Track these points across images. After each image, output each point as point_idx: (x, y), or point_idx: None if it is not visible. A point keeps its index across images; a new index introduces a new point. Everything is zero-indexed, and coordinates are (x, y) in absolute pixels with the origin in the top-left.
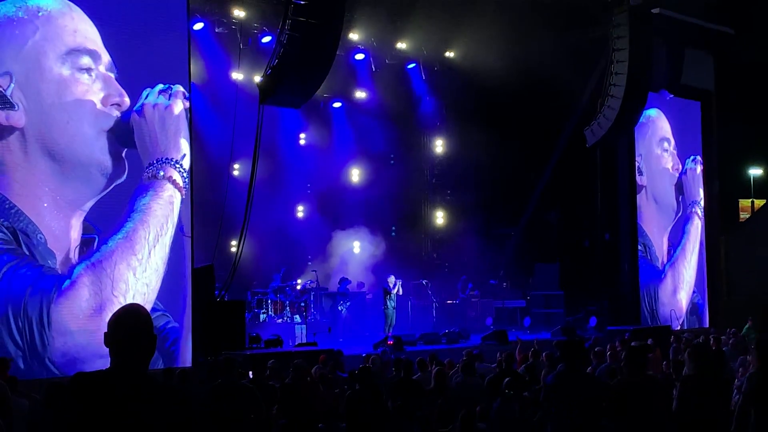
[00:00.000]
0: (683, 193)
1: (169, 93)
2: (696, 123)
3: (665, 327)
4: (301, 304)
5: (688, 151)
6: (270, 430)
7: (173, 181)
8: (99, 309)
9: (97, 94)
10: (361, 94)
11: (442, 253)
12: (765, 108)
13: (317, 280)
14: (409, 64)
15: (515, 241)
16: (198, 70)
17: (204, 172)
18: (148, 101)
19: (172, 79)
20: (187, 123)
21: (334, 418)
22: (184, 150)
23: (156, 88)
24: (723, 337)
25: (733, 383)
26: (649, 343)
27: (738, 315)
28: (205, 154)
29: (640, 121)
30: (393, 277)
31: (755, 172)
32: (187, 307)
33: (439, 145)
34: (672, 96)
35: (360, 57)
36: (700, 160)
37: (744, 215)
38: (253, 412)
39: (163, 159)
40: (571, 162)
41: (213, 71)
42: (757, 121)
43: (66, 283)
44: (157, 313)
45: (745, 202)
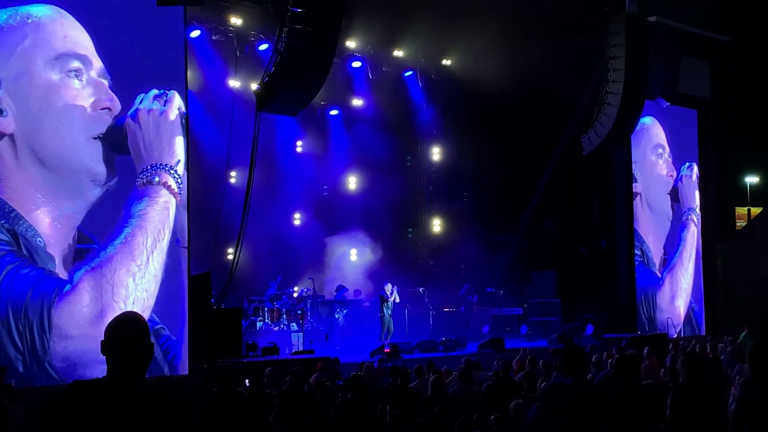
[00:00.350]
0: (678, 200)
1: (164, 98)
2: (692, 131)
3: (662, 335)
4: (298, 312)
5: (684, 158)
6: None
7: (168, 187)
8: (100, 315)
9: (87, 99)
10: (358, 102)
11: (438, 260)
12: (761, 116)
13: (314, 288)
14: (406, 72)
15: (512, 248)
16: (195, 77)
17: (200, 180)
18: (143, 106)
19: (169, 86)
20: (182, 128)
21: (329, 427)
22: (178, 156)
23: (150, 93)
24: (720, 344)
25: (729, 391)
26: (646, 351)
27: (734, 323)
28: (202, 161)
29: (635, 129)
30: (390, 285)
31: (752, 179)
32: (185, 314)
33: (436, 153)
34: (668, 104)
35: (357, 65)
36: (696, 167)
37: (741, 223)
38: (250, 420)
39: (157, 165)
40: (568, 170)
41: (210, 79)
42: (754, 129)
43: (67, 287)
44: (157, 326)
45: (741, 210)
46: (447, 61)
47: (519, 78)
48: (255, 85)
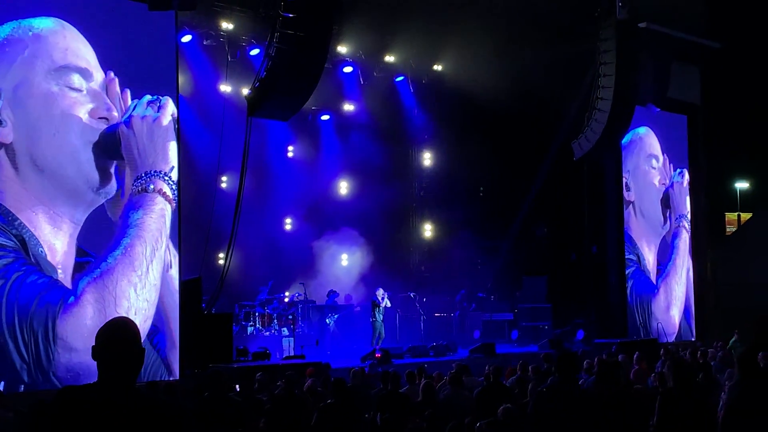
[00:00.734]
0: (670, 207)
1: (158, 104)
2: (682, 137)
3: (653, 340)
4: (289, 317)
5: (675, 164)
6: None
7: (163, 194)
8: None
9: (85, 108)
10: (349, 107)
11: (430, 265)
12: (751, 121)
13: (305, 293)
14: (397, 77)
15: (503, 253)
16: (186, 82)
17: (191, 185)
18: (136, 113)
19: (160, 91)
20: (175, 134)
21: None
22: (172, 162)
23: (144, 99)
24: (711, 350)
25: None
26: (636, 357)
27: (725, 328)
28: (193, 166)
29: (628, 138)
30: (381, 290)
31: (741, 185)
32: (176, 319)
33: (428, 158)
34: (659, 110)
35: (348, 70)
36: (687, 174)
37: (731, 228)
38: (240, 425)
39: (152, 172)
40: (559, 175)
41: (201, 83)
42: (743, 135)
43: (71, 299)
44: (155, 332)
45: (731, 216)
46: (438, 67)
47: (510, 83)
48: (246, 90)
